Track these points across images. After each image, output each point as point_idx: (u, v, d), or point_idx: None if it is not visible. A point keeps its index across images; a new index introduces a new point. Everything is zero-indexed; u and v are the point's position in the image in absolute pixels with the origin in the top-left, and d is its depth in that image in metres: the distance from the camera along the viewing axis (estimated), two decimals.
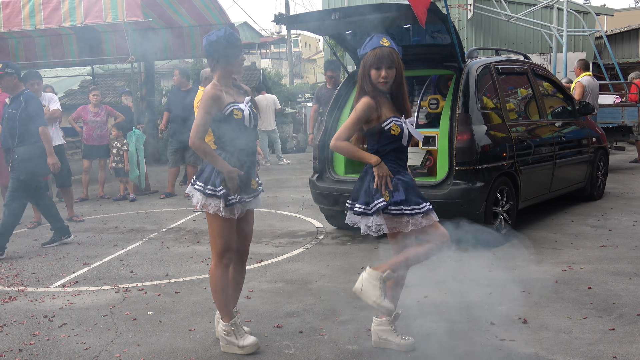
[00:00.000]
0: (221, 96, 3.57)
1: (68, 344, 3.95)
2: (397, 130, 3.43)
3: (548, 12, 18.93)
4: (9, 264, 6.05)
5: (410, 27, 6.27)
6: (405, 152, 3.56)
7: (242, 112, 3.60)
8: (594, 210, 7.46)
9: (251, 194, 3.71)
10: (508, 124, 6.28)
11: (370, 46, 3.43)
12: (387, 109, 3.47)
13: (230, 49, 3.59)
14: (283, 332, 4.01)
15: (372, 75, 3.42)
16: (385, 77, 3.39)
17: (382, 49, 3.40)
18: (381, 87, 3.43)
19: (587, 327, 3.88)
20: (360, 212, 3.47)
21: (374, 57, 3.40)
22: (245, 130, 3.63)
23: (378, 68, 3.39)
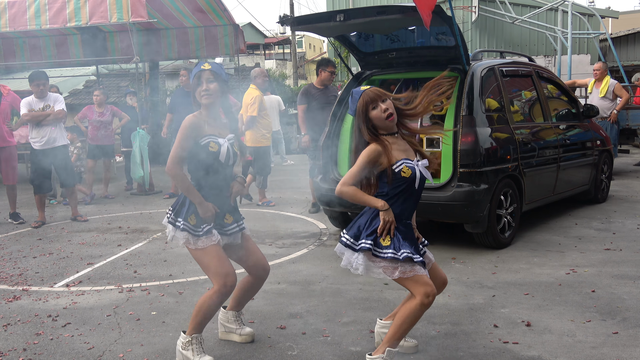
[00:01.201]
0: (201, 126, 3.52)
1: (72, 344, 3.96)
2: (407, 172, 3.28)
3: (553, 14, 18.92)
4: (13, 264, 6.07)
5: (415, 29, 6.28)
6: (417, 196, 3.40)
7: (219, 146, 3.51)
8: (598, 213, 7.45)
9: (224, 227, 3.61)
10: (512, 127, 6.27)
11: (356, 98, 3.33)
12: (398, 150, 3.33)
13: (195, 81, 3.55)
14: (286, 333, 4.02)
15: (375, 117, 3.29)
16: (387, 109, 3.28)
17: (366, 91, 3.31)
18: (390, 122, 3.30)
19: (591, 331, 3.88)
20: (346, 243, 3.36)
21: (364, 103, 3.29)
22: (219, 165, 3.54)
23: (375, 107, 3.29)
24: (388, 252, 3.25)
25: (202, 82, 3.53)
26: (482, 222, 5.76)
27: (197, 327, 3.57)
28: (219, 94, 3.57)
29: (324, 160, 6.67)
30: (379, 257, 3.26)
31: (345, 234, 3.40)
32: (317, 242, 6.51)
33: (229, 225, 3.65)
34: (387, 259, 3.25)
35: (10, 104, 8.20)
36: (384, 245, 3.27)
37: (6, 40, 13.78)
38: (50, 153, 7.87)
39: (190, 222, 3.51)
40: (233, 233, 3.67)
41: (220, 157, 3.52)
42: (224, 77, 3.60)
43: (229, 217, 3.66)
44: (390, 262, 3.25)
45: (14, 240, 7.20)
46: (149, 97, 14.79)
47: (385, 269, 3.27)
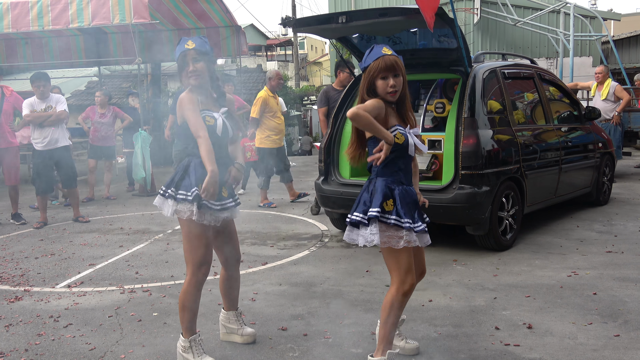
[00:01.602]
0: (197, 101, 3.51)
1: (73, 345, 3.96)
2: (401, 139, 3.25)
3: (555, 16, 18.93)
4: (15, 264, 6.08)
5: (417, 31, 6.29)
6: (410, 164, 3.38)
7: (215, 120, 3.51)
8: (599, 216, 7.45)
9: (221, 201, 3.54)
10: (514, 129, 6.27)
11: (373, 57, 3.25)
12: (393, 117, 3.32)
13: (180, 60, 3.50)
14: (288, 334, 4.02)
15: (379, 86, 3.22)
16: (394, 86, 3.22)
17: (386, 57, 3.21)
18: (390, 97, 3.24)
19: (592, 333, 3.88)
20: (356, 221, 3.28)
21: (378, 67, 3.20)
22: (215, 138, 3.51)
23: (385, 77, 3.21)
24: (391, 218, 3.20)
25: (188, 62, 3.48)
26: (483, 224, 5.76)
27: (189, 327, 3.57)
28: (207, 72, 3.53)
29: (326, 162, 6.67)
30: (385, 223, 3.21)
31: (353, 214, 3.31)
32: (318, 244, 6.51)
33: (226, 199, 3.58)
34: (391, 225, 3.19)
35: (13, 104, 8.22)
36: (387, 210, 3.22)
37: (9, 41, 13.80)
38: (52, 154, 7.89)
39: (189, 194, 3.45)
40: (230, 207, 3.61)
41: (217, 130, 3.51)
42: (209, 52, 3.54)
43: (224, 190, 3.60)
44: (395, 231, 3.20)
45: (16, 240, 7.21)
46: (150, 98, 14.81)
47: (390, 238, 3.20)
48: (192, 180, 3.47)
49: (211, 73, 3.58)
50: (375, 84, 3.25)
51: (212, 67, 3.59)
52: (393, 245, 3.21)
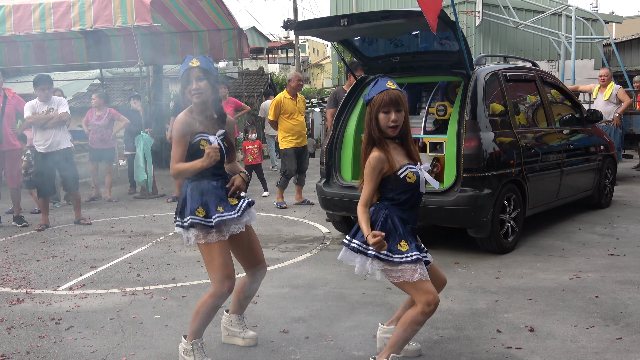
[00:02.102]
0: (192, 124, 3.48)
1: (75, 347, 3.96)
2: (413, 178, 3.26)
3: (556, 19, 18.93)
4: (16, 267, 6.08)
5: (419, 33, 6.29)
6: (420, 201, 3.38)
7: (210, 144, 3.46)
8: (601, 219, 7.44)
9: (233, 210, 3.53)
10: (516, 131, 6.27)
11: (377, 90, 3.25)
12: (400, 156, 3.31)
13: (184, 78, 3.49)
14: (289, 337, 4.02)
15: (381, 119, 3.23)
16: (395, 121, 3.21)
17: (390, 92, 3.22)
18: (391, 132, 3.24)
19: (594, 336, 3.87)
20: (357, 249, 3.27)
21: (381, 101, 3.21)
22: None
23: (387, 112, 3.22)
24: (413, 255, 3.21)
25: (192, 80, 3.46)
26: (485, 226, 5.76)
27: (196, 332, 3.57)
28: (210, 91, 3.51)
29: (327, 164, 6.67)
30: (401, 262, 3.20)
31: (353, 240, 3.30)
32: (320, 246, 6.51)
33: (236, 206, 3.56)
34: (413, 261, 3.20)
35: (15, 107, 8.23)
36: (403, 250, 3.22)
37: (11, 44, 13.84)
38: (54, 156, 7.90)
39: (199, 214, 3.46)
40: (241, 212, 3.56)
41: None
42: (213, 72, 3.53)
43: (232, 200, 3.59)
44: (412, 265, 3.21)
45: (18, 243, 7.22)
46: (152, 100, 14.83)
47: (405, 272, 3.21)
48: (189, 207, 3.48)
49: (214, 93, 3.55)
50: (377, 117, 3.26)
51: (216, 86, 3.56)
52: (407, 279, 3.22)
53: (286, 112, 8.78)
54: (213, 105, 3.59)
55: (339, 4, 21.06)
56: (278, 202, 9.02)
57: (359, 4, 20.65)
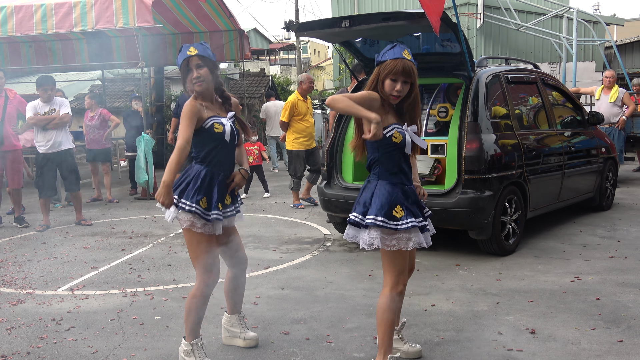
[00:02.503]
0: (200, 110, 3.49)
1: (75, 348, 3.96)
2: (399, 138, 3.26)
3: (558, 21, 18.92)
4: (17, 267, 6.08)
5: (420, 35, 6.29)
6: (408, 162, 3.38)
7: (223, 126, 3.51)
8: (602, 221, 7.43)
9: (224, 209, 3.55)
10: (517, 133, 6.27)
11: (391, 55, 3.22)
12: (391, 116, 3.32)
13: (183, 68, 3.50)
14: (290, 338, 4.01)
15: (386, 85, 3.23)
16: (399, 91, 3.21)
17: (404, 61, 3.19)
18: (392, 100, 3.26)
19: (595, 339, 3.86)
20: (355, 222, 3.29)
21: (392, 68, 3.19)
22: (224, 144, 3.54)
23: (394, 80, 3.21)
24: (408, 222, 3.21)
25: (192, 68, 3.47)
26: (486, 228, 5.75)
27: (193, 331, 3.56)
28: (210, 78, 3.52)
29: (329, 166, 6.67)
30: (396, 229, 3.20)
31: (352, 214, 3.33)
32: (321, 248, 6.50)
33: (228, 207, 3.59)
34: (407, 229, 3.20)
35: (17, 107, 8.24)
36: (399, 217, 3.21)
37: (13, 44, 13.85)
38: (56, 157, 7.90)
39: (202, 205, 3.46)
40: (230, 216, 3.62)
41: (225, 136, 3.51)
42: (211, 58, 3.54)
43: (228, 198, 3.61)
44: (406, 233, 3.22)
45: (19, 243, 7.22)
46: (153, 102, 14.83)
47: (400, 240, 3.22)
48: (196, 190, 3.46)
49: (215, 78, 3.56)
50: (383, 81, 3.25)
51: (216, 72, 3.58)
52: (402, 247, 3.23)
53: (299, 113, 8.84)
54: (216, 90, 3.61)
55: (340, 5, 21.06)
56: (295, 204, 9.03)
57: (361, 5, 20.65)
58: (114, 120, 10.41)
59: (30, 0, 10.29)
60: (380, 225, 3.20)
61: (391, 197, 3.25)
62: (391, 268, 3.29)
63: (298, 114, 8.83)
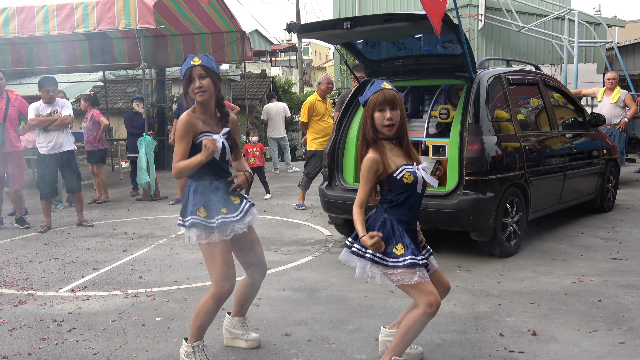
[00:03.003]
0: (195, 123, 3.47)
1: (77, 349, 3.96)
2: (410, 178, 3.25)
3: (559, 22, 18.92)
4: (18, 268, 6.08)
5: (422, 36, 6.29)
6: (420, 200, 3.36)
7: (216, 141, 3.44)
8: (604, 222, 7.43)
9: (236, 210, 3.55)
10: (518, 135, 6.27)
11: (372, 90, 3.25)
12: (397, 157, 3.30)
13: (186, 77, 3.47)
14: (291, 340, 4.01)
15: (377, 118, 3.23)
16: (390, 119, 3.20)
17: (384, 91, 3.22)
18: (387, 131, 3.23)
19: (597, 340, 3.86)
20: (356, 253, 3.30)
21: (376, 100, 3.22)
22: (214, 161, 3.48)
23: (382, 110, 3.21)
24: (407, 259, 3.20)
25: (194, 78, 3.44)
26: (487, 230, 5.75)
27: (197, 334, 3.56)
28: (213, 89, 3.49)
29: (330, 167, 6.67)
30: (395, 267, 3.21)
31: (354, 244, 3.32)
32: (322, 249, 6.50)
33: (239, 206, 3.58)
34: (407, 265, 3.19)
35: (18, 109, 8.24)
36: (399, 254, 3.22)
37: (14, 45, 13.88)
38: (57, 158, 7.91)
39: (200, 215, 3.46)
40: (242, 217, 3.57)
41: (215, 154, 3.45)
42: (215, 70, 3.52)
43: (236, 198, 3.60)
44: (408, 268, 3.20)
45: (20, 244, 7.23)
46: (155, 103, 14.85)
47: (404, 275, 3.20)
48: (190, 207, 3.49)
49: (217, 91, 3.53)
50: (373, 117, 3.26)
51: (218, 84, 3.54)
52: (407, 282, 3.21)
53: (318, 114, 8.89)
54: (216, 104, 3.58)
55: (341, 7, 21.06)
56: (298, 204, 9.03)
57: (362, 7, 20.67)
58: (102, 121, 10.41)
59: (32, 2, 10.31)
60: (378, 262, 3.23)
61: (395, 235, 3.26)
62: (418, 294, 3.24)
63: (316, 114, 8.88)
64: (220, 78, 3.58)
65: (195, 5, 12.61)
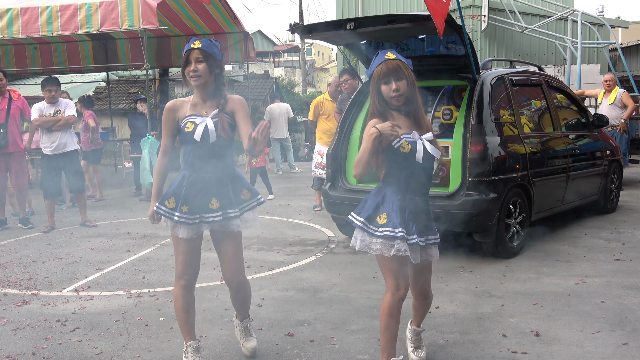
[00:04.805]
0: (178, 108, 3.43)
1: (80, 349, 3.97)
2: (407, 148, 3.18)
3: (562, 23, 18.89)
4: (22, 268, 6.10)
5: (425, 37, 6.29)
6: (424, 172, 3.26)
7: (195, 125, 3.36)
8: (607, 223, 7.42)
9: (205, 214, 3.42)
10: (522, 136, 6.26)
11: (376, 63, 3.21)
12: (404, 127, 3.22)
13: (184, 58, 3.40)
14: (294, 340, 4.01)
15: (383, 91, 3.19)
16: (397, 90, 3.15)
17: (388, 62, 3.17)
18: (395, 102, 3.19)
19: (600, 341, 3.85)
20: (350, 220, 3.29)
21: (379, 72, 3.18)
22: (197, 144, 3.38)
23: (387, 82, 3.17)
24: (385, 231, 3.16)
25: (191, 61, 3.36)
26: (490, 231, 5.75)
27: (183, 333, 3.56)
28: (209, 75, 3.38)
29: (333, 168, 6.67)
30: (374, 235, 3.18)
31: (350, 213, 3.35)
32: (325, 250, 6.50)
33: (213, 212, 3.43)
34: (384, 237, 3.15)
35: (20, 109, 8.25)
36: (380, 223, 3.18)
37: (18, 46, 13.90)
38: (60, 158, 7.92)
39: (168, 205, 3.44)
40: (213, 222, 3.45)
41: (195, 136, 3.35)
42: (216, 55, 3.39)
43: (215, 202, 3.44)
44: (387, 240, 3.15)
45: (24, 244, 7.24)
46: (158, 103, 14.87)
47: (382, 246, 3.17)
48: (167, 191, 3.50)
49: (217, 77, 3.44)
50: (379, 90, 3.22)
51: (216, 71, 3.43)
52: (384, 253, 3.17)
53: (325, 113, 8.87)
54: (214, 90, 3.46)
55: (344, 7, 21.07)
56: (315, 205, 9.03)
57: (365, 7, 20.67)
58: (90, 123, 10.50)
59: (36, 2, 10.33)
60: (361, 227, 3.22)
61: (383, 204, 3.23)
62: (389, 273, 3.22)
63: (323, 113, 8.86)
64: (220, 65, 3.46)
65: (198, 6, 12.62)
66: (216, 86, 3.48)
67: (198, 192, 3.44)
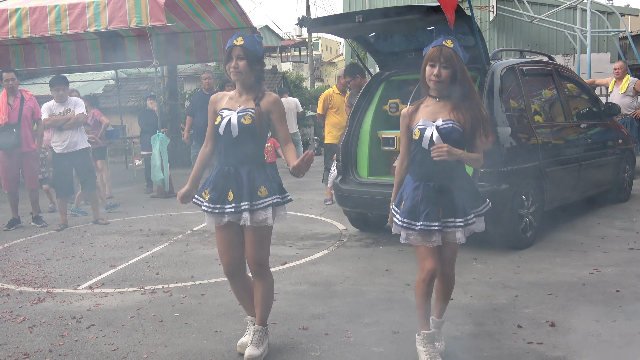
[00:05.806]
0: (220, 100, 3.62)
1: (96, 345, 3.99)
2: (417, 135, 3.32)
3: (571, 12, 18.74)
4: (37, 266, 6.14)
5: (434, 29, 6.25)
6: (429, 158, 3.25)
7: (222, 118, 3.51)
8: (620, 213, 7.37)
9: (224, 205, 3.53)
10: (533, 126, 6.23)
11: (433, 44, 3.33)
12: (426, 113, 3.33)
13: (226, 54, 3.52)
14: (309, 334, 4.02)
15: (426, 71, 3.30)
16: (438, 75, 3.24)
17: (442, 47, 3.28)
18: (432, 84, 3.29)
19: (616, 331, 3.84)
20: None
21: (430, 54, 3.29)
22: (220, 137, 3.54)
23: (433, 65, 3.27)
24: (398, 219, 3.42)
25: (232, 57, 3.48)
26: (503, 222, 5.72)
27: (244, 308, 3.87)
28: (249, 72, 3.48)
29: (344, 161, 6.66)
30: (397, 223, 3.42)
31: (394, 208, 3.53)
32: (337, 244, 6.50)
33: (229, 204, 3.52)
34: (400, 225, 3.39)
35: (32, 109, 8.28)
36: (398, 210, 3.42)
37: (27, 46, 13.95)
38: (72, 157, 7.95)
39: (204, 197, 3.61)
40: (229, 213, 3.52)
41: (219, 129, 3.52)
42: (257, 53, 3.50)
43: (231, 194, 3.53)
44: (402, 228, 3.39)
45: (37, 243, 7.29)
46: (167, 100, 14.90)
47: (403, 232, 3.41)
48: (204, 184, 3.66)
49: (256, 74, 3.53)
50: (425, 69, 3.34)
51: (257, 67, 3.51)
52: (408, 240, 3.40)
53: (334, 106, 8.84)
54: (253, 86, 3.56)
55: (351, 0, 21.01)
56: (326, 199, 9.04)
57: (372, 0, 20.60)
58: (103, 120, 10.48)
59: (44, 2, 10.36)
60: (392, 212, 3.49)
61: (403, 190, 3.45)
62: (416, 253, 3.43)
63: (332, 106, 8.82)
64: (261, 61, 3.57)
65: (206, 2, 12.62)
66: (255, 81, 3.57)
67: (221, 183, 3.58)
